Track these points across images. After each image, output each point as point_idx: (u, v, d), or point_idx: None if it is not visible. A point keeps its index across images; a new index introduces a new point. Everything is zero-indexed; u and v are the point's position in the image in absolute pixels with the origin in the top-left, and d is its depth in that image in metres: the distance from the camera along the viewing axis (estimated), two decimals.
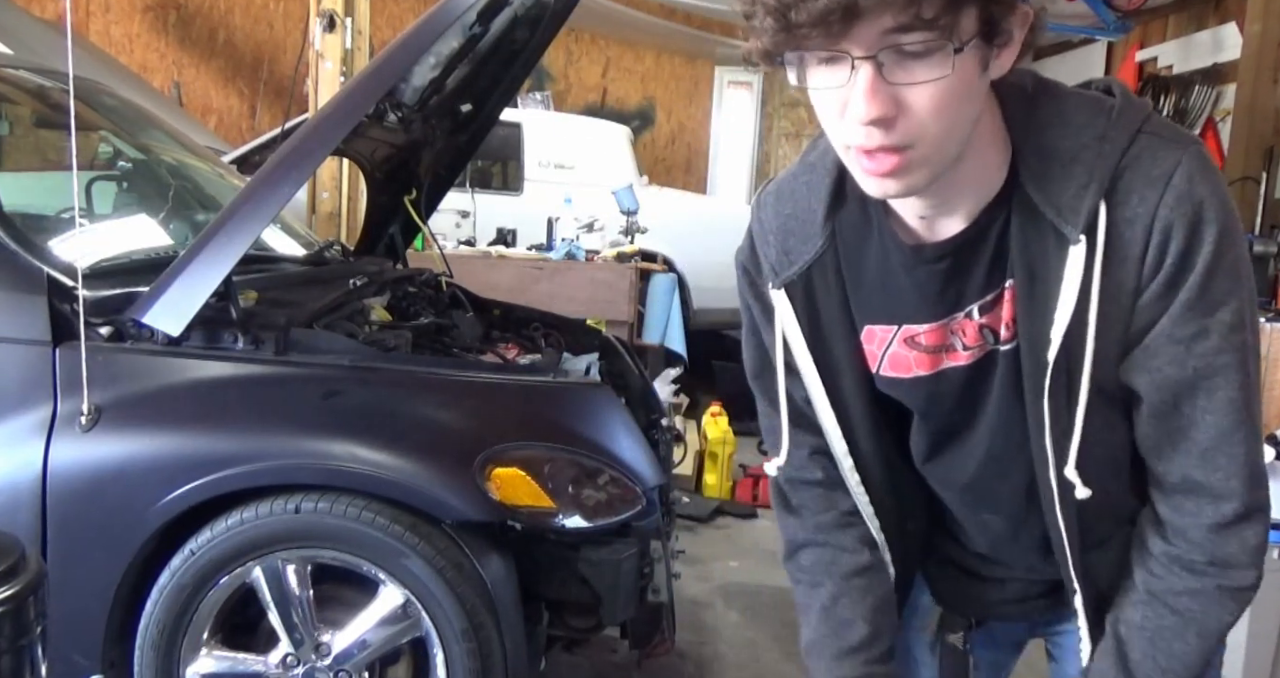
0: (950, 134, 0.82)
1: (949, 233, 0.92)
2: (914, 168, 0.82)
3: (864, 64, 0.78)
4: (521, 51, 2.92)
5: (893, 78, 0.78)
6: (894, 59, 0.78)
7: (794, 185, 1.02)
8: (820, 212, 0.99)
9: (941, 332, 0.96)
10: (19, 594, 0.97)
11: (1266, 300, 3.84)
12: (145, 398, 1.93)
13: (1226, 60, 5.69)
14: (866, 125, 0.80)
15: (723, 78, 9.27)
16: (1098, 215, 0.86)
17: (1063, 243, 0.87)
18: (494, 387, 2.08)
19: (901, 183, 0.84)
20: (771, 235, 1.03)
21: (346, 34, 4.00)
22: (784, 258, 1.01)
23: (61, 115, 2.14)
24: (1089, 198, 0.86)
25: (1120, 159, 0.86)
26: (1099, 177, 0.86)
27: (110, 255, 2.20)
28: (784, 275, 1.01)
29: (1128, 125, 0.87)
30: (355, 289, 2.46)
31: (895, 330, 0.98)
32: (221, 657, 1.95)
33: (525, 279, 4.50)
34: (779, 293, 1.02)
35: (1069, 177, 0.87)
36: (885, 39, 0.76)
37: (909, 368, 0.99)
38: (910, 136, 0.80)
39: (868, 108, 0.78)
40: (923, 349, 0.98)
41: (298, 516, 1.86)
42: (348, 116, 2.05)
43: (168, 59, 7.80)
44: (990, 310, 0.94)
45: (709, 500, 4.18)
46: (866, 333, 1.01)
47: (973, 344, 0.96)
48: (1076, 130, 0.88)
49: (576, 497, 1.93)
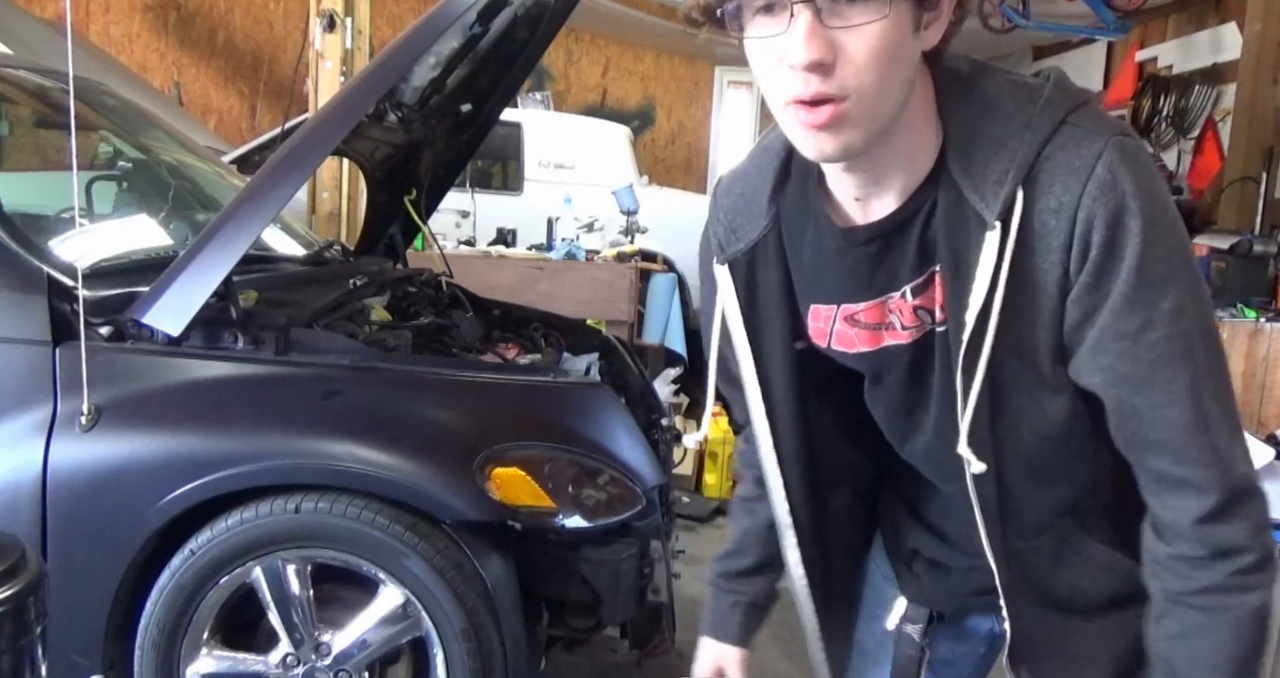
0: (885, 88, 0.83)
1: (880, 214, 0.93)
2: (850, 122, 0.83)
3: (803, 8, 0.80)
4: (521, 51, 2.92)
5: (830, 21, 0.80)
6: (830, 5, 0.80)
7: (748, 168, 1.06)
8: (766, 193, 1.02)
9: (879, 310, 0.98)
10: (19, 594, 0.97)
11: (1267, 300, 3.84)
12: (145, 398, 1.93)
13: (1226, 60, 5.69)
14: (804, 70, 0.81)
15: (723, 78, 9.27)
16: (1014, 202, 0.86)
17: (982, 227, 0.87)
18: (494, 387, 2.08)
19: (838, 139, 0.84)
20: (723, 214, 1.07)
21: (346, 34, 4.00)
22: (731, 236, 1.05)
23: (61, 115, 2.14)
24: (1008, 184, 0.86)
25: (1041, 148, 0.86)
26: (1019, 163, 0.86)
27: (110, 255, 2.20)
28: (728, 252, 1.05)
29: (1053, 115, 0.88)
30: (355, 289, 2.46)
31: (835, 310, 1.01)
32: (221, 657, 1.95)
33: (525, 279, 4.50)
34: (722, 268, 1.05)
35: (993, 162, 0.87)
36: None
37: (853, 344, 1.01)
38: (847, 85, 0.81)
39: (806, 51, 0.80)
40: (863, 326, 1.00)
41: (298, 515, 1.86)
42: (348, 116, 2.05)
43: (168, 59, 7.80)
44: (922, 292, 0.95)
45: (709, 500, 4.18)
46: (813, 311, 1.03)
47: (910, 324, 0.97)
48: (1004, 116, 0.88)
49: (576, 497, 1.93)
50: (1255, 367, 3.59)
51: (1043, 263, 0.87)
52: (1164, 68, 6.37)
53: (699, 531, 3.91)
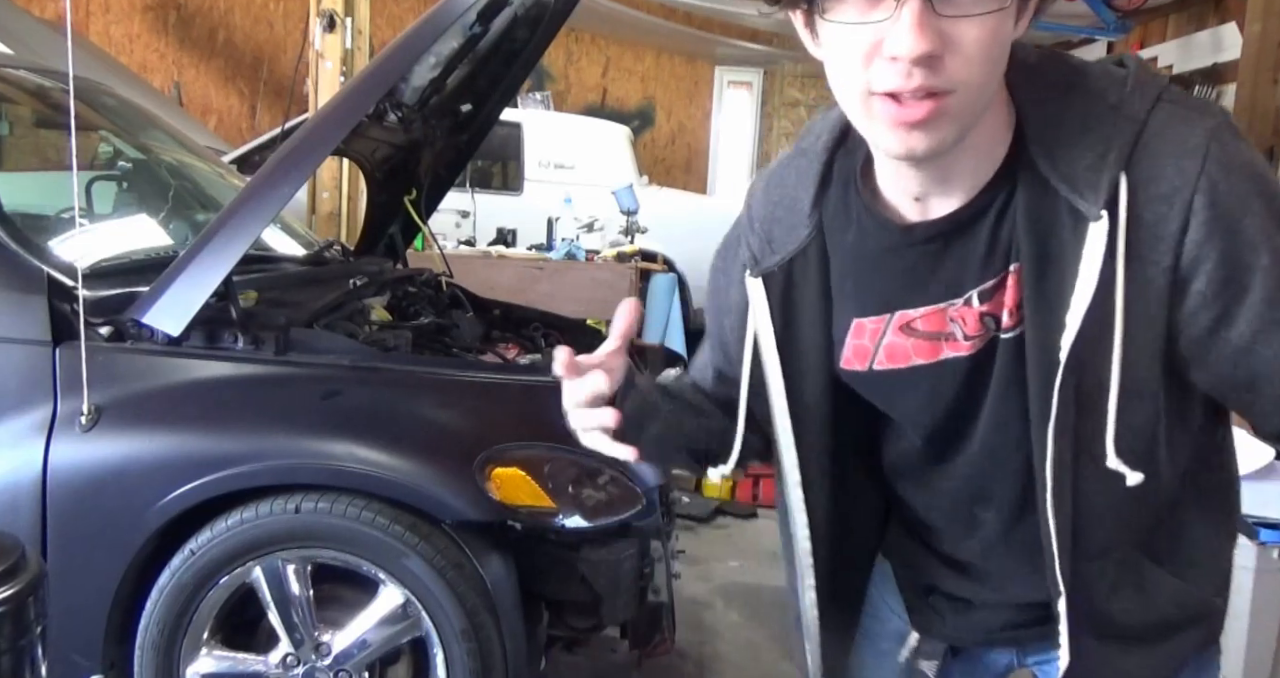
0: (988, 84, 0.76)
1: (942, 212, 0.85)
2: (948, 118, 0.75)
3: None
4: (521, 51, 2.91)
5: (943, 9, 0.71)
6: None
7: (785, 172, 0.96)
8: (807, 200, 0.92)
9: (939, 317, 0.88)
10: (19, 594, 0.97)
11: None
12: (145, 398, 1.93)
13: (1226, 60, 5.69)
14: (910, 63, 0.72)
15: (723, 78, 9.26)
16: (1119, 188, 0.77)
17: (1079, 220, 0.79)
18: (494, 387, 2.08)
19: (932, 136, 0.75)
20: (758, 223, 0.97)
21: (346, 34, 4.00)
22: (766, 247, 0.95)
23: (61, 115, 2.14)
24: (1108, 169, 0.78)
25: (1141, 128, 0.78)
26: (1119, 145, 0.78)
27: (110, 255, 2.20)
28: (764, 264, 0.95)
29: (1146, 92, 0.80)
30: (355, 289, 2.46)
31: (889, 318, 0.90)
32: (221, 657, 1.95)
33: (525, 279, 4.50)
34: (755, 282, 0.95)
35: (1084, 147, 0.79)
36: None
37: (908, 357, 0.90)
38: (954, 79, 0.73)
39: (915, 41, 0.70)
40: (921, 335, 0.89)
41: (298, 515, 1.86)
42: (348, 116, 2.05)
43: (168, 59, 7.80)
44: (992, 297, 0.85)
45: (709, 500, 4.18)
46: (856, 328, 0.92)
47: (974, 334, 0.87)
48: (1091, 98, 0.80)
49: (576, 497, 1.93)
50: None
51: (1150, 255, 0.78)
52: (1164, 68, 6.36)
53: (699, 531, 3.91)
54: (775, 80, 9.20)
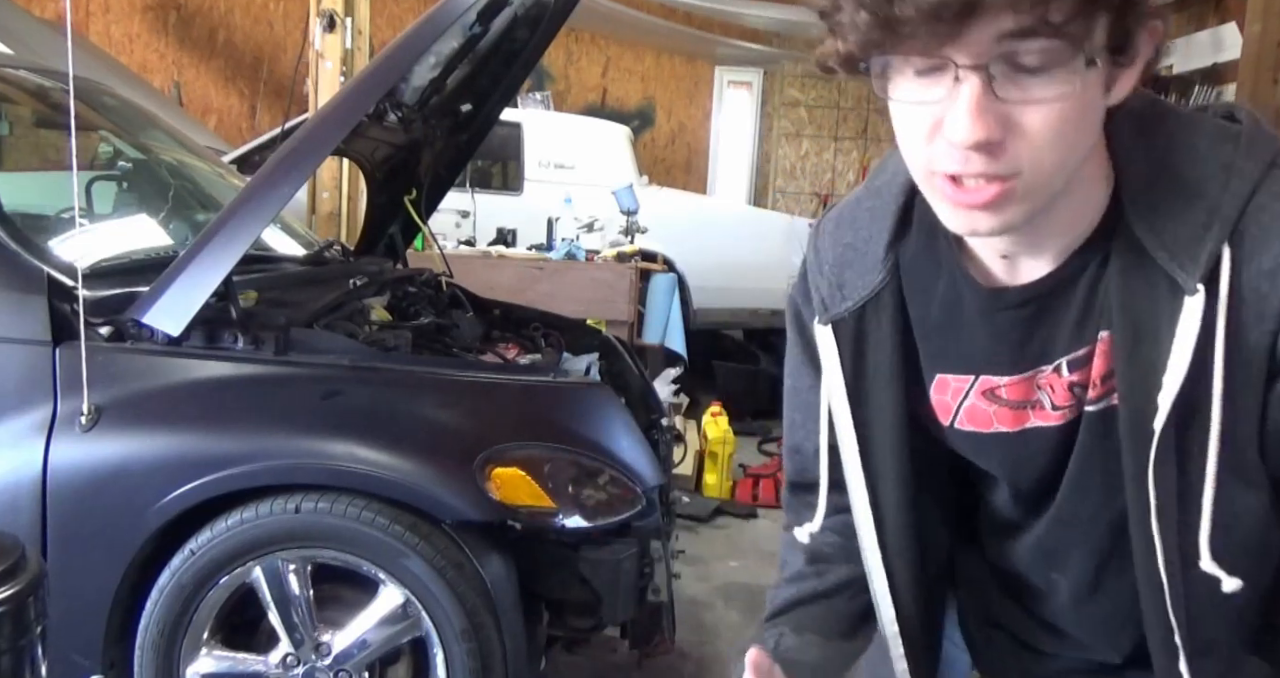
0: (1063, 165, 0.70)
1: (1034, 275, 0.80)
2: (1014, 201, 0.70)
3: (971, 74, 0.66)
4: (521, 51, 2.91)
5: (1004, 94, 0.66)
6: (1008, 71, 0.66)
7: (856, 212, 0.90)
8: (882, 242, 0.86)
9: (1026, 386, 0.83)
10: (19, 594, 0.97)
11: None
12: (145, 398, 1.93)
13: (1226, 60, 5.69)
14: (966, 149, 0.68)
15: (723, 78, 9.26)
16: (1220, 261, 0.72)
17: (1176, 292, 0.73)
18: (494, 387, 2.08)
19: (997, 219, 0.71)
20: (827, 266, 0.90)
21: (346, 34, 4.00)
22: (836, 292, 0.89)
23: (61, 115, 2.14)
24: (1210, 241, 0.72)
25: (1250, 197, 0.73)
26: (1224, 215, 0.72)
27: (110, 255, 2.20)
28: (833, 311, 0.89)
29: (1260, 155, 0.74)
30: (355, 289, 2.46)
31: (972, 381, 0.85)
32: (221, 657, 1.95)
33: (525, 279, 4.50)
34: (825, 330, 0.89)
35: (1186, 213, 0.73)
36: (1001, 46, 0.65)
37: (989, 423, 0.86)
38: (1017, 165, 0.68)
39: (971, 128, 0.66)
40: (1005, 404, 0.85)
41: (298, 515, 1.86)
42: (348, 116, 2.05)
43: (168, 59, 7.80)
44: (1082, 366, 0.80)
45: (709, 500, 4.18)
46: (939, 382, 0.88)
47: (1063, 404, 0.83)
48: (1197, 159, 0.74)
49: (576, 497, 1.93)
50: None
51: (1250, 334, 0.73)
52: (1164, 68, 6.37)
53: (699, 531, 3.91)
54: (775, 80, 9.20)
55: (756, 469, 4.48)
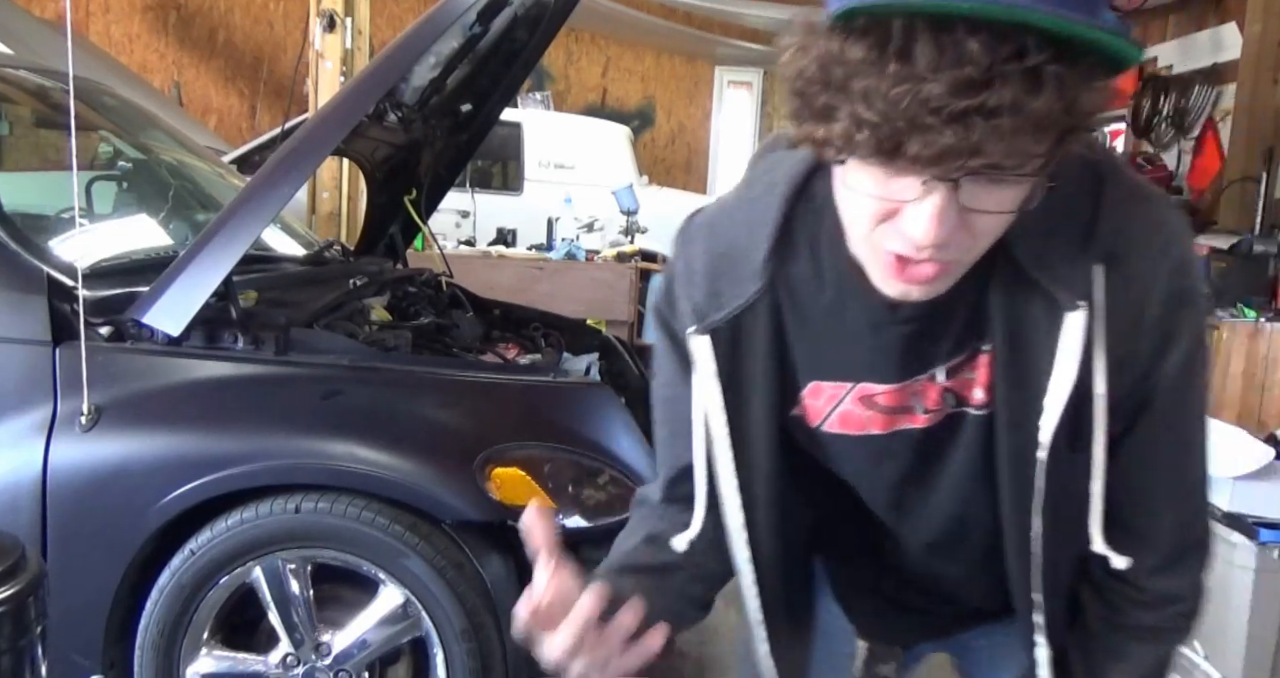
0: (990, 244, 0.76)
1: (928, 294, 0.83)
2: (943, 278, 0.76)
3: (940, 184, 0.69)
4: (521, 51, 2.92)
5: (966, 202, 0.70)
6: (972, 185, 0.70)
7: (731, 221, 0.91)
8: (760, 252, 0.87)
9: (903, 393, 0.88)
10: (19, 594, 0.97)
11: (1266, 300, 3.84)
12: (145, 398, 1.93)
13: (1226, 60, 5.69)
14: (922, 246, 0.72)
15: (723, 78, 9.26)
16: (1092, 279, 0.79)
17: (1054, 309, 0.80)
18: (494, 387, 2.08)
19: (929, 290, 0.77)
20: (699, 275, 0.91)
21: (346, 34, 4.00)
22: (713, 300, 0.89)
23: (61, 115, 2.14)
24: (1085, 260, 0.80)
25: (1117, 219, 0.81)
26: (1096, 238, 0.80)
27: (110, 255, 2.20)
28: (710, 319, 0.89)
29: (1116, 182, 0.83)
30: (355, 289, 2.46)
31: (849, 388, 0.90)
32: (221, 657, 1.95)
33: (525, 279, 4.50)
34: (701, 340, 0.89)
35: (1061, 237, 0.80)
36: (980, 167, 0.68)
37: (862, 427, 0.91)
38: (956, 255, 0.74)
39: (933, 230, 0.70)
40: (880, 410, 0.90)
41: (298, 515, 1.86)
42: (348, 116, 2.05)
43: (168, 59, 7.81)
44: (957, 374, 0.87)
45: None
46: (813, 388, 0.91)
47: (933, 408, 0.88)
48: (1064, 187, 0.79)
49: (576, 497, 1.93)
50: (1255, 367, 3.59)
51: (1123, 342, 0.81)
52: (1164, 68, 6.37)
53: None
54: (775, 80, 9.19)
55: None
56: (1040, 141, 0.68)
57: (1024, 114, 0.65)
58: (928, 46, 0.64)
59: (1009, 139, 0.66)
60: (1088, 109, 0.69)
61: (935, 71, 0.64)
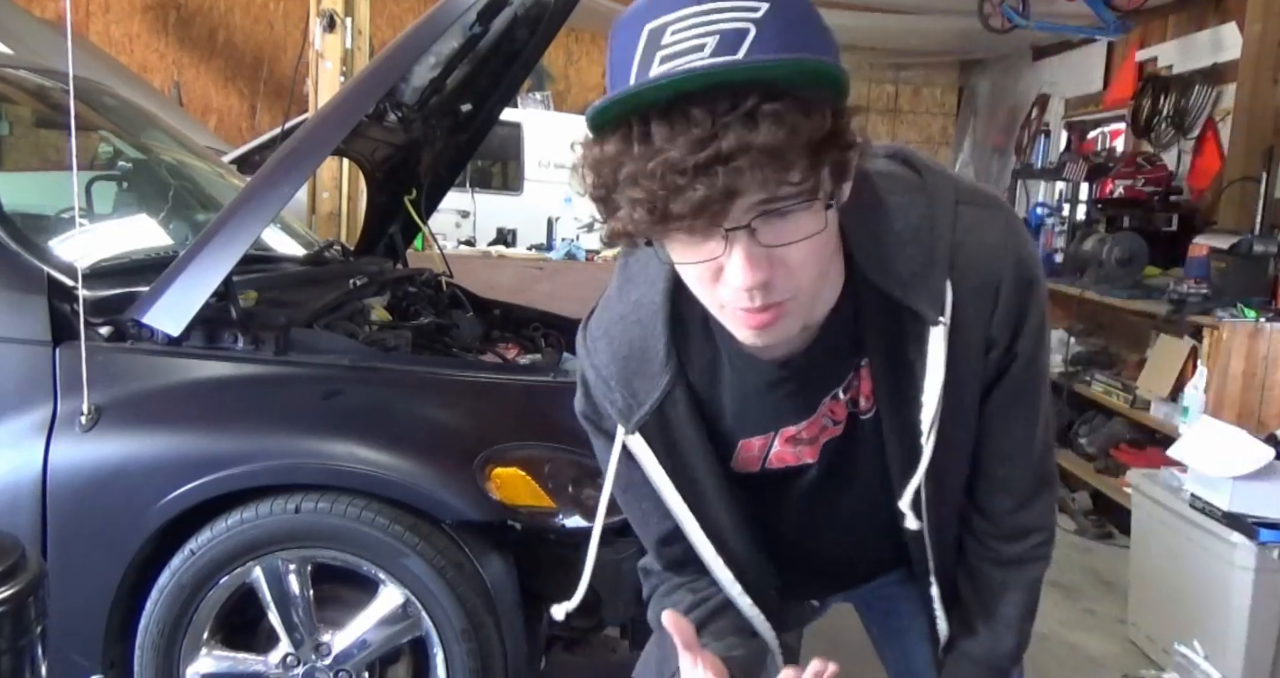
0: (821, 278, 0.87)
1: (802, 342, 0.95)
2: (792, 316, 0.86)
3: (738, 233, 0.78)
4: (521, 51, 2.91)
5: (767, 240, 0.79)
6: (766, 224, 0.79)
7: (624, 325, 1.02)
8: (660, 347, 0.99)
9: (817, 422, 1.02)
10: (19, 594, 0.97)
11: (1267, 300, 3.84)
12: (145, 398, 1.93)
13: (1226, 60, 5.68)
14: (746, 291, 0.81)
15: None
16: (944, 293, 0.92)
17: (919, 323, 0.92)
18: (494, 387, 2.08)
19: (780, 331, 0.86)
20: (614, 381, 1.01)
21: (346, 34, 3.99)
22: (631, 400, 1.01)
23: (61, 115, 2.14)
24: (935, 277, 0.91)
25: (952, 234, 0.92)
26: (940, 255, 0.92)
27: (110, 255, 2.20)
28: (636, 417, 1.00)
29: (945, 199, 0.94)
30: (355, 289, 2.46)
31: (772, 436, 1.03)
32: (221, 657, 1.95)
33: (525, 279, 4.50)
34: (635, 438, 1.01)
35: (908, 259, 0.92)
36: (759, 207, 0.78)
37: (797, 459, 1.05)
38: (787, 292, 0.83)
39: (749, 275, 0.79)
40: (805, 442, 1.03)
41: (298, 515, 1.86)
42: (348, 116, 2.05)
43: (168, 59, 7.81)
44: (850, 388, 1.00)
45: None
46: (743, 445, 1.04)
47: (841, 418, 1.02)
48: (900, 213, 0.93)
49: (576, 497, 1.93)
50: (1255, 367, 3.59)
51: (971, 337, 0.95)
52: (1164, 68, 6.36)
53: None
54: None
55: None
56: (788, 170, 0.76)
57: (753, 151, 0.74)
58: (660, 125, 0.75)
59: (750, 174, 0.74)
60: (815, 131, 0.76)
61: (671, 141, 0.75)
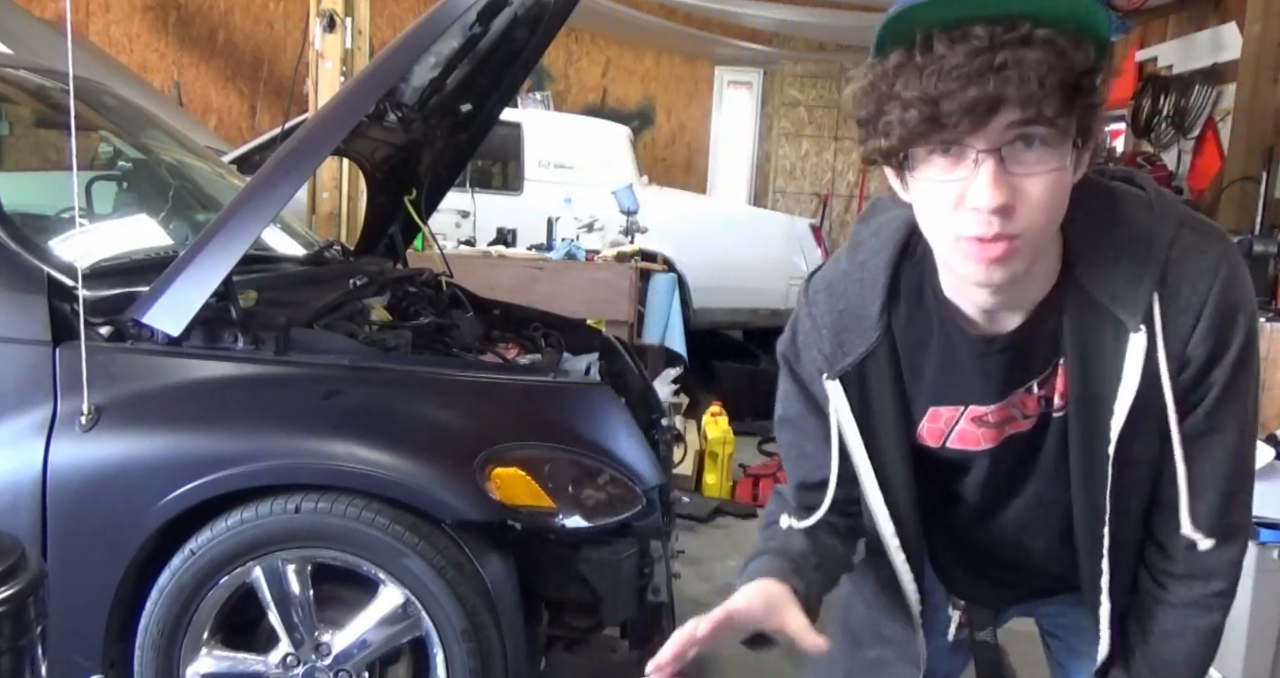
0: (1052, 225, 0.92)
1: (1010, 326, 1.02)
2: (1019, 256, 0.91)
3: (988, 156, 0.86)
4: (521, 51, 2.91)
5: (1013, 169, 0.87)
6: (1014, 152, 0.87)
7: (846, 282, 1.11)
8: (875, 308, 1.08)
9: (1006, 408, 1.07)
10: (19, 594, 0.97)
11: (1267, 300, 3.84)
12: (145, 398, 1.93)
13: (1226, 60, 5.69)
14: (989, 213, 0.87)
15: (723, 78, 9.26)
16: (1153, 305, 0.96)
17: (1120, 330, 0.98)
18: (494, 387, 2.08)
19: (1007, 269, 0.92)
20: (825, 330, 1.11)
21: (346, 34, 4.00)
22: (838, 350, 1.10)
23: (61, 115, 2.14)
24: (1144, 289, 0.96)
25: (1168, 252, 0.97)
26: (1152, 269, 0.97)
27: (110, 255, 2.20)
28: (839, 366, 1.10)
29: (1169, 219, 0.99)
30: (355, 289, 2.46)
31: (962, 410, 1.09)
32: (221, 657, 1.95)
33: (525, 279, 4.50)
34: (834, 383, 1.10)
35: (1122, 269, 0.97)
36: (1009, 133, 0.86)
37: (977, 442, 1.10)
38: (1023, 225, 0.89)
39: (992, 195, 0.86)
40: (990, 426, 1.08)
41: (298, 515, 1.86)
42: (348, 116, 2.05)
43: (168, 59, 7.81)
44: (1046, 384, 1.05)
45: (709, 500, 4.18)
46: (932, 414, 1.10)
47: (1032, 413, 1.07)
48: (1124, 224, 0.99)
49: (576, 497, 1.93)
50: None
51: (1168, 353, 0.98)
52: (1164, 68, 6.37)
53: (699, 530, 3.91)
54: (775, 80, 9.19)
55: (756, 469, 4.48)
56: (1048, 94, 0.84)
57: (1025, 65, 0.82)
58: (943, 39, 0.84)
59: (1018, 87, 0.83)
60: (1079, 64, 0.85)
61: (952, 50, 0.84)
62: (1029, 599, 1.32)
